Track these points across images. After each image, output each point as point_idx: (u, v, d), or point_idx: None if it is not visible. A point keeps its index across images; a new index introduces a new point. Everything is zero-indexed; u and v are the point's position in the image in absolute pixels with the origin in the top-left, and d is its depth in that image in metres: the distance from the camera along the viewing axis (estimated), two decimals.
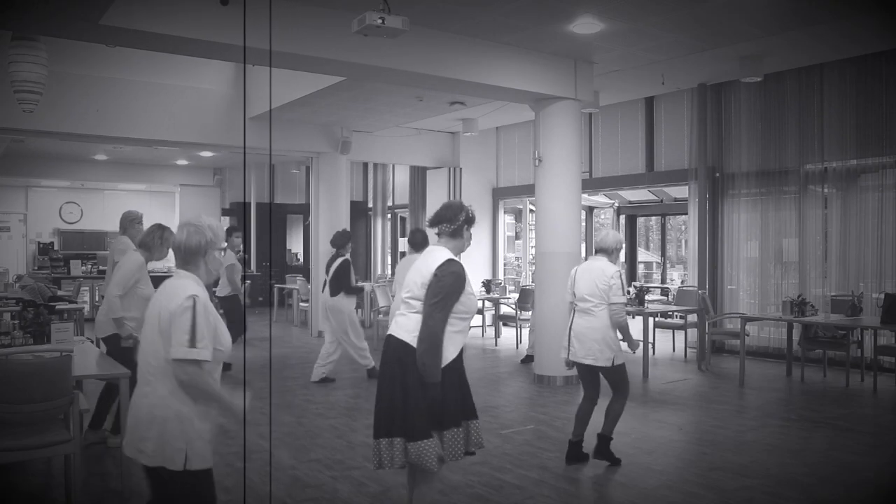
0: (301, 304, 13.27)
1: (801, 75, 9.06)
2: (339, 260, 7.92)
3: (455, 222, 3.62)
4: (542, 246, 8.20)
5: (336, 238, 8.09)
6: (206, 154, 14.57)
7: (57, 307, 6.89)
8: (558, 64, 7.95)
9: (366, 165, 16.82)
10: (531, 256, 13.33)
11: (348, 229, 9.59)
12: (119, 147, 12.84)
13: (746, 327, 8.32)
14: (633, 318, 9.88)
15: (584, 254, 12.86)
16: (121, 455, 4.19)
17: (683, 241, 11.44)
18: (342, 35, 6.10)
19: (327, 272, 7.98)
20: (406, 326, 3.49)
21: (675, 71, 8.83)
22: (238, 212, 16.78)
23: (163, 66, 9.62)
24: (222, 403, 2.74)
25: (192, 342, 2.63)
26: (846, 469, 4.94)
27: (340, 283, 7.84)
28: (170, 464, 2.63)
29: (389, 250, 16.76)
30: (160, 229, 5.30)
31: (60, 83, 8.99)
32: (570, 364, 5.04)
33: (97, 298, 10.70)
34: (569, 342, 4.98)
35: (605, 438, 5.02)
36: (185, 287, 2.73)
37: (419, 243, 7.35)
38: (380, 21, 5.16)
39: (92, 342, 6.17)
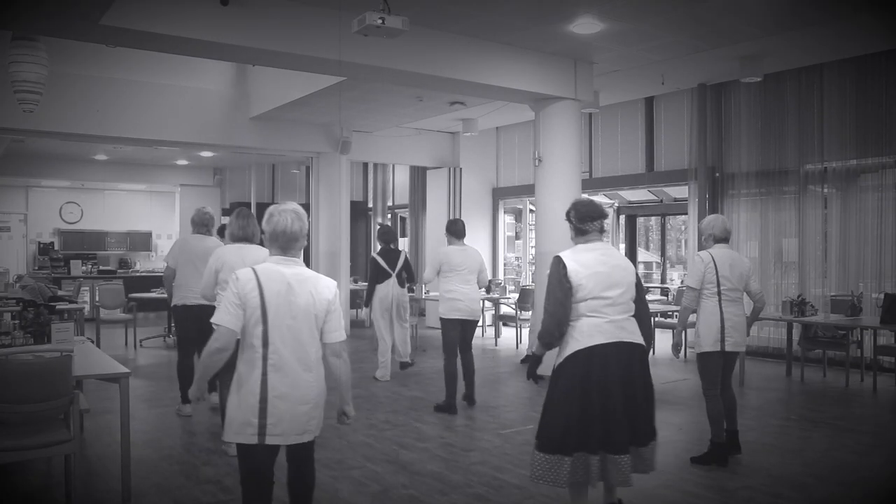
0: None
1: (801, 75, 9.05)
2: (404, 252, 8.21)
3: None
4: (542, 246, 8.19)
5: (387, 233, 8.22)
6: (206, 154, 14.55)
7: (57, 307, 6.88)
8: (558, 64, 7.95)
9: (366, 165, 16.80)
10: (531, 256, 13.33)
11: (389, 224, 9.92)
12: (119, 147, 12.83)
13: None
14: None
15: None
16: (121, 454, 4.21)
17: (683, 241, 11.46)
18: (342, 35, 6.10)
19: (392, 266, 7.98)
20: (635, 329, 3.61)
21: (675, 71, 8.83)
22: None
23: (163, 66, 9.61)
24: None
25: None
26: (846, 468, 4.94)
27: (410, 274, 8.16)
28: (318, 433, 3.07)
29: None
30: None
31: (60, 83, 8.97)
32: (723, 355, 4.93)
33: (97, 298, 10.70)
34: (723, 333, 4.88)
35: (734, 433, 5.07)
36: (322, 277, 3.02)
37: (462, 231, 7.26)
38: (380, 21, 5.16)
39: (92, 342, 6.16)
